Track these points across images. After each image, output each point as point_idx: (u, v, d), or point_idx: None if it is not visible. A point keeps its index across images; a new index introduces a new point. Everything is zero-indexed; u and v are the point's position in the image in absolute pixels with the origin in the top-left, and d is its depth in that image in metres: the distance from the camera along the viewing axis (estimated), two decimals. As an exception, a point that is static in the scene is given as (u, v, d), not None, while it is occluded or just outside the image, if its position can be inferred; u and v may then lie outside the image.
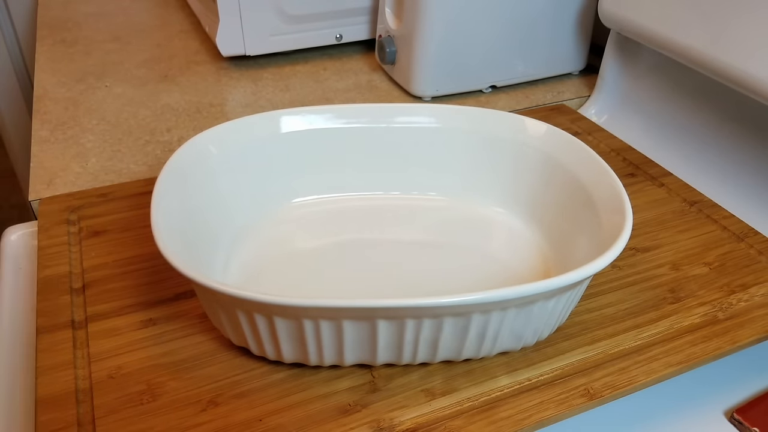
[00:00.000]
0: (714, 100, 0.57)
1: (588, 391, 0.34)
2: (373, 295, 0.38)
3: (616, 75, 0.66)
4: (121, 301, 0.38)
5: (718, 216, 0.47)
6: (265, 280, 0.40)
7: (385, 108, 0.46)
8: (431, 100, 0.66)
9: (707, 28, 0.51)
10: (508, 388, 0.34)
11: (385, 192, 0.47)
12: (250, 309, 0.31)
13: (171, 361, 0.35)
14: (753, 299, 0.40)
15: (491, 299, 0.30)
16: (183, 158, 0.39)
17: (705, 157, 0.57)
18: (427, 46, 0.63)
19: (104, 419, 0.32)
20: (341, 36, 0.74)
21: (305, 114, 0.45)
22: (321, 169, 0.46)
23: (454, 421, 0.32)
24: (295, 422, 0.32)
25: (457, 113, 0.46)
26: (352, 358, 0.33)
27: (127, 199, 0.47)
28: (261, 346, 0.33)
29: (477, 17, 0.63)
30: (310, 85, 0.69)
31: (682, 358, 0.36)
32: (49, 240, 0.43)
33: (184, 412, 0.32)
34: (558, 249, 0.41)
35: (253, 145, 0.43)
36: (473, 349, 0.34)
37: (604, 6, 0.61)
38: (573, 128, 0.58)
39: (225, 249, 0.41)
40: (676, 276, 0.42)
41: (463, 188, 0.46)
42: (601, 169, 0.40)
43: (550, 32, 0.68)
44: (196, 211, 0.38)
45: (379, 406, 0.33)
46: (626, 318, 0.38)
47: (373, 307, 0.30)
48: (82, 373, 0.34)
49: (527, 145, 0.44)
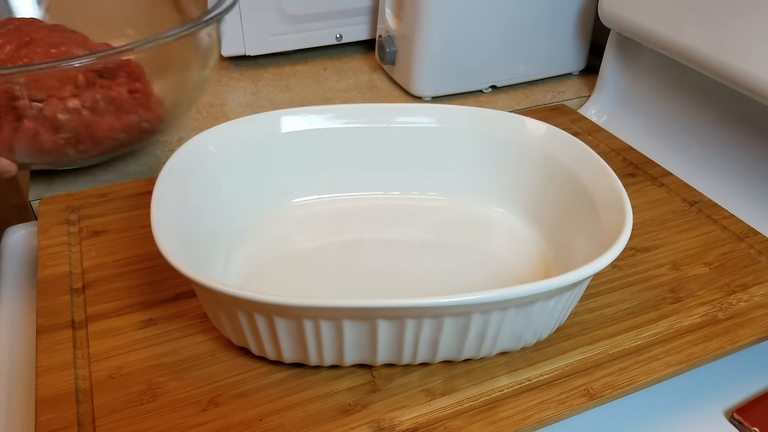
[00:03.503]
0: (714, 100, 0.57)
1: (588, 391, 0.34)
2: (373, 295, 0.38)
3: (616, 75, 0.66)
4: (121, 301, 0.38)
5: (718, 216, 0.47)
6: (265, 280, 0.40)
7: (385, 108, 0.46)
8: (431, 100, 0.66)
9: (707, 28, 0.51)
10: (508, 388, 0.34)
11: (385, 192, 0.47)
12: (250, 309, 0.31)
13: (171, 361, 0.35)
14: (753, 299, 0.40)
15: (491, 299, 0.30)
16: (183, 158, 0.39)
17: (705, 157, 0.57)
18: (427, 46, 0.63)
19: (104, 419, 0.32)
20: (341, 36, 0.74)
21: (305, 114, 0.45)
22: (321, 169, 0.46)
23: (454, 421, 0.32)
24: (295, 422, 0.32)
25: (457, 113, 0.46)
26: (352, 358, 0.33)
27: (127, 199, 0.47)
28: (261, 346, 0.33)
29: (477, 17, 0.63)
30: (310, 85, 0.69)
31: (682, 358, 0.36)
32: (49, 240, 0.43)
33: (184, 412, 0.32)
34: (558, 249, 0.41)
35: (253, 145, 0.43)
36: (473, 349, 0.34)
37: (604, 6, 0.61)
38: (573, 128, 0.58)
39: (225, 249, 0.41)
40: (676, 276, 0.42)
41: (463, 188, 0.46)
42: (601, 169, 0.40)
43: (550, 32, 0.68)
44: (196, 211, 0.38)
45: (379, 406, 0.33)
46: (626, 318, 0.38)
47: (373, 307, 0.30)
48: (82, 373, 0.34)
49: (527, 145, 0.44)
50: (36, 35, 0.49)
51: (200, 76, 0.53)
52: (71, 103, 0.46)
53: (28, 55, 0.47)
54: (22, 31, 0.51)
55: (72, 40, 0.50)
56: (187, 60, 0.51)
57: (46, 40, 0.49)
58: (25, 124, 0.46)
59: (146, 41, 0.43)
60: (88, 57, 0.42)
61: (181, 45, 0.45)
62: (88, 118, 0.47)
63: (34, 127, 0.46)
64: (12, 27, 0.52)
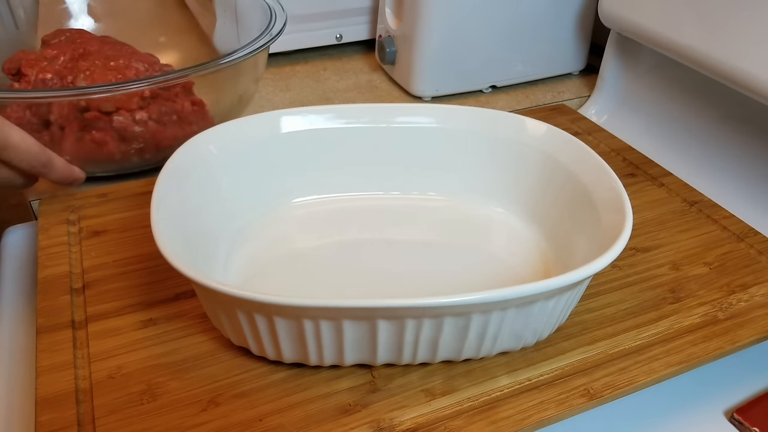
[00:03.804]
0: (714, 100, 0.57)
1: (588, 391, 0.34)
2: (373, 295, 0.38)
3: (616, 75, 0.66)
4: (121, 301, 0.38)
5: (718, 216, 0.47)
6: (265, 280, 0.40)
7: (385, 108, 0.46)
8: (431, 100, 0.66)
9: (707, 28, 0.51)
10: (508, 388, 0.34)
11: (385, 192, 0.47)
12: (250, 309, 0.31)
13: (171, 361, 0.35)
14: (753, 299, 0.40)
15: (491, 299, 0.30)
16: (183, 158, 0.39)
17: (705, 157, 0.57)
18: (427, 46, 0.63)
19: (104, 419, 0.32)
20: (341, 36, 0.74)
21: (305, 114, 0.45)
22: (321, 169, 0.46)
23: (454, 421, 0.32)
24: (295, 422, 0.32)
25: (457, 113, 0.46)
26: (352, 358, 0.33)
27: (127, 199, 0.47)
28: (261, 346, 0.33)
29: (477, 17, 0.63)
30: (310, 85, 0.69)
31: (682, 358, 0.36)
32: (49, 240, 0.42)
33: (184, 412, 0.32)
34: (558, 249, 0.41)
35: (253, 145, 0.43)
36: (473, 349, 0.34)
37: (604, 6, 0.61)
38: (573, 128, 0.58)
39: (225, 249, 0.41)
40: (676, 276, 0.42)
41: (463, 188, 0.46)
42: (601, 169, 0.40)
43: (550, 32, 0.68)
44: (196, 211, 0.38)
45: (379, 406, 0.33)
46: (626, 318, 0.38)
47: (373, 307, 0.30)
48: (82, 373, 0.34)
49: (527, 145, 0.44)
50: (89, 47, 0.52)
51: (249, 89, 0.57)
52: (139, 115, 0.49)
53: (90, 68, 0.50)
54: (75, 42, 0.53)
55: (124, 52, 0.53)
56: (238, 76, 0.54)
57: (101, 52, 0.52)
58: (94, 135, 0.48)
59: (214, 63, 0.47)
60: (166, 76, 0.46)
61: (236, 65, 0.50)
62: (154, 129, 0.50)
63: (102, 137, 0.48)
64: (64, 38, 0.54)
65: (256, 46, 0.50)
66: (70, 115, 0.48)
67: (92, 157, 0.49)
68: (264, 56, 0.56)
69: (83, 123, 0.48)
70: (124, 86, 0.46)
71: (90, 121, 0.48)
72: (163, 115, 0.50)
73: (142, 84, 0.45)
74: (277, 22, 0.54)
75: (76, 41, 0.53)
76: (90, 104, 0.47)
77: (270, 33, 0.52)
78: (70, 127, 0.48)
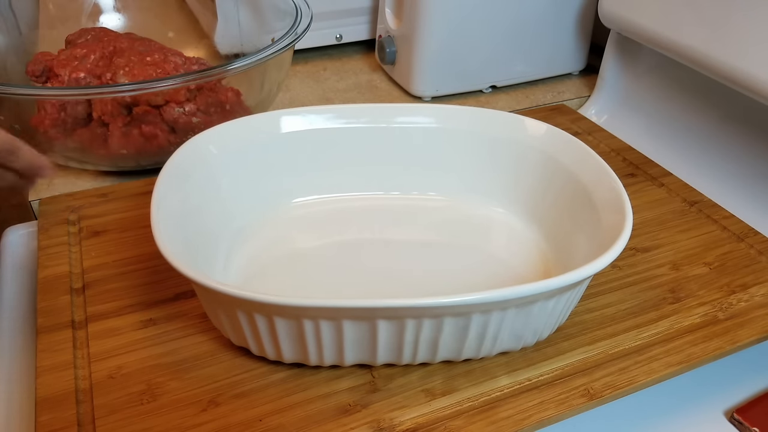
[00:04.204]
0: (714, 100, 0.57)
1: (588, 391, 0.34)
2: (373, 295, 0.38)
3: (616, 75, 0.66)
4: (121, 301, 0.38)
5: (718, 216, 0.47)
6: (265, 280, 0.40)
7: (385, 108, 0.46)
8: (431, 100, 0.66)
9: (707, 28, 0.51)
10: (508, 388, 0.34)
11: (385, 192, 0.47)
12: (250, 309, 0.31)
13: (171, 361, 0.35)
14: (753, 299, 0.40)
15: (491, 299, 0.30)
16: (183, 158, 0.39)
17: (705, 157, 0.57)
18: (427, 46, 0.63)
19: (104, 419, 0.32)
20: (341, 36, 0.74)
21: (305, 114, 0.45)
22: (321, 169, 0.46)
23: (454, 421, 0.32)
24: (295, 422, 0.32)
25: (457, 113, 0.46)
26: (352, 358, 0.33)
27: (127, 199, 0.47)
28: (261, 346, 0.33)
29: (477, 17, 0.63)
30: (310, 85, 0.69)
31: (683, 358, 0.36)
32: (49, 240, 0.42)
33: (184, 412, 0.32)
34: (558, 249, 0.41)
35: (253, 145, 0.43)
36: (473, 349, 0.34)
37: (604, 6, 0.61)
38: (573, 128, 0.58)
39: (225, 249, 0.41)
40: (676, 276, 0.42)
41: (463, 188, 0.46)
42: (601, 169, 0.40)
43: (550, 32, 0.68)
44: (196, 211, 0.38)
45: (379, 406, 0.33)
46: (626, 318, 0.38)
47: (373, 307, 0.30)
48: (82, 373, 0.34)
49: (527, 145, 0.44)
50: (119, 44, 0.53)
51: (279, 78, 0.59)
52: (188, 107, 0.50)
53: (127, 64, 0.51)
54: (102, 40, 0.54)
55: (154, 47, 0.54)
56: (269, 68, 0.56)
57: (133, 48, 0.53)
58: (143, 129, 0.49)
59: (252, 59, 0.49)
60: (218, 69, 0.48)
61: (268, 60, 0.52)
62: (202, 119, 0.51)
63: (152, 130, 0.50)
64: (90, 37, 0.55)
65: (288, 40, 0.52)
66: (113, 111, 0.48)
67: (141, 150, 0.50)
68: (291, 51, 0.58)
69: (129, 118, 0.49)
70: (181, 78, 0.47)
71: (138, 115, 0.49)
72: (209, 105, 0.52)
73: (196, 77, 0.47)
74: (304, 16, 0.56)
75: (102, 39, 0.54)
76: (139, 99, 0.48)
77: (295, 31, 0.54)
78: (114, 123, 0.49)
